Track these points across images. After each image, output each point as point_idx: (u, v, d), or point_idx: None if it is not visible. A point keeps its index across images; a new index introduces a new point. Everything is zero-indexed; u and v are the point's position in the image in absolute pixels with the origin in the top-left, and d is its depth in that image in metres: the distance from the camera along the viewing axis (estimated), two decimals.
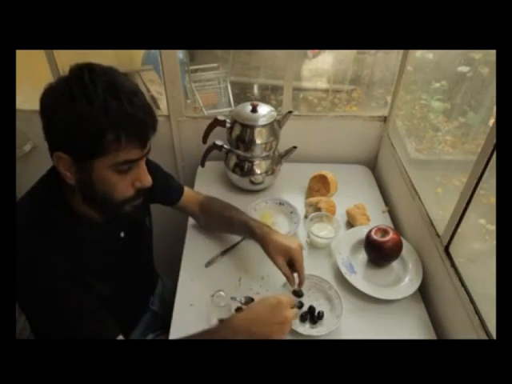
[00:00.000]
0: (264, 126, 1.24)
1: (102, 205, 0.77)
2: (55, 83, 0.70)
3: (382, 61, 2.89)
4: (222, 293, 0.92)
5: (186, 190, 1.13)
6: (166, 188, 1.08)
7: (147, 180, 0.76)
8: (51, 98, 0.69)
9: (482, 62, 1.07)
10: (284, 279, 0.96)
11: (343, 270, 1.05)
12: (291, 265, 0.94)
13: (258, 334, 0.75)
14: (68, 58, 1.31)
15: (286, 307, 0.79)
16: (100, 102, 0.66)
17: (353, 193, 1.34)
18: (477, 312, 0.81)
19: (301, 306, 0.97)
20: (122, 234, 0.91)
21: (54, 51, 1.27)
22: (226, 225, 1.10)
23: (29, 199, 0.79)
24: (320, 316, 0.95)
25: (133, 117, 0.68)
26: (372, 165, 1.53)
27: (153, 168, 0.87)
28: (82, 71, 0.68)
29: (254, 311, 0.79)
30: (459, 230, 0.91)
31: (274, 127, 1.27)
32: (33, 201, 0.79)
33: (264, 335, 0.76)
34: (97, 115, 0.66)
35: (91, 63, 0.71)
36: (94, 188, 0.73)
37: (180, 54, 2.46)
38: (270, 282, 1.03)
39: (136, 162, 0.73)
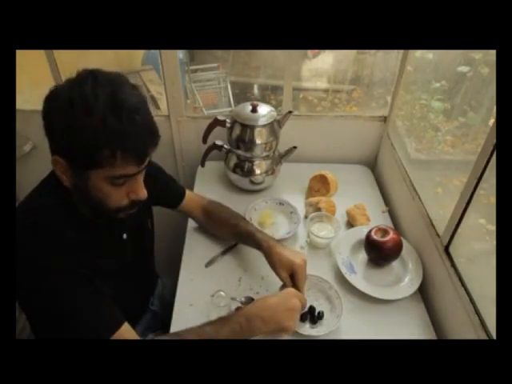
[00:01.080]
0: (264, 125, 1.24)
1: (96, 209, 0.78)
2: (60, 87, 0.69)
3: (382, 61, 2.89)
4: (222, 293, 0.92)
5: (188, 193, 1.13)
6: (167, 191, 1.08)
7: (142, 193, 0.77)
8: (53, 102, 0.69)
9: (482, 61, 1.07)
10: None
11: (343, 270, 1.05)
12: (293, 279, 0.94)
13: (269, 319, 0.80)
14: (68, 58, 1.31)
15: (295, 296, 0.85)
16: (98, 116, 0.65)
17: (353, 193, 1.34)
18: (477, 312, 0.81)
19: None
20: (125, 236, 0.91)
21: (54, 51, 1.27)
22: (231, 233, 1.10)
23: (31, 200, 0.79)
24: (320, 316, 0.95)
25: (131, 135, 0.67)
26: (372, 165, 1.53)
27: (154, 171, 0.87)
28: (86, 80, 0.67)
29: (265, 299, 0.84)
30: (459, 229, 0.91)
31: (274, 127, 1.27)
32: (34, 201, 0.79)
33: (275, 321, 0.81)
34: (94, 129, 0.65)
35: (98, 71, 0.70)
36: (89, 194, 0.73)
37: (180, 53, 2.46)
38: (270, 282, 1.03)
39: (132, 176, 0.73)
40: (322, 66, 3.41)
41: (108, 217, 0.80)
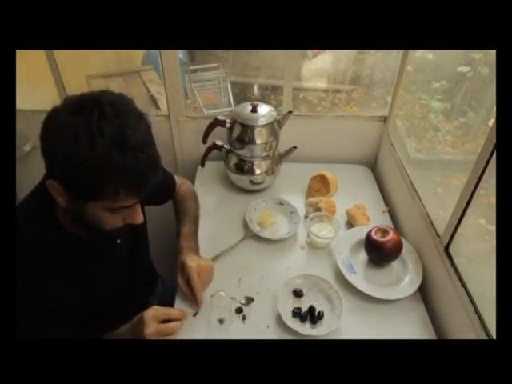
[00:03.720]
0: (264, 125, 1.24)
1: (90, 229, 0.77)
2: (62, 114, 0.66)
3: (382, 61, 2.90)
4: (222, 293, 0.92)
5: (177, 182, 1.15)
6: (158, 193, 1.08)
7: (139, 219, 0.77)
8: (55, 130, 0.66)
9: (482, 61, 1.07)
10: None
11: (343, 270, 1.05)
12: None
13: None
14: (68, 58, 1.31)
15: (147, 325, 0.79)
16: (104, 153, 0.63)
17: (353, 193, 1.34)
18: (477, 312, 0.81)
19: (299, 310, 0.96)
20: (119, 241, 0.91)
21: (54, 51, 1.27)
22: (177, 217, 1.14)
23: (18, 215, 0.76)
24: (320, 316, 0.95)
25: (135, 174, 0.67)
26: (372, 165, 1.53)
27: None
28: (92, 112, 0.64)
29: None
30: (459, 229, 0.91)
31: (274, 127, 1.27)
32: (22, 217, 0.75)
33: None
34: (98, 165, 0.64)
35: (104, 100, 0.66)
36: (84, 218, 0.73)
37: (180, 53, 2.46)
38: (270, 282, 1.03)
39: (131, 206, 0.73)
40: (322, 65, 3.42)
41: (101, 235, 0.79)
